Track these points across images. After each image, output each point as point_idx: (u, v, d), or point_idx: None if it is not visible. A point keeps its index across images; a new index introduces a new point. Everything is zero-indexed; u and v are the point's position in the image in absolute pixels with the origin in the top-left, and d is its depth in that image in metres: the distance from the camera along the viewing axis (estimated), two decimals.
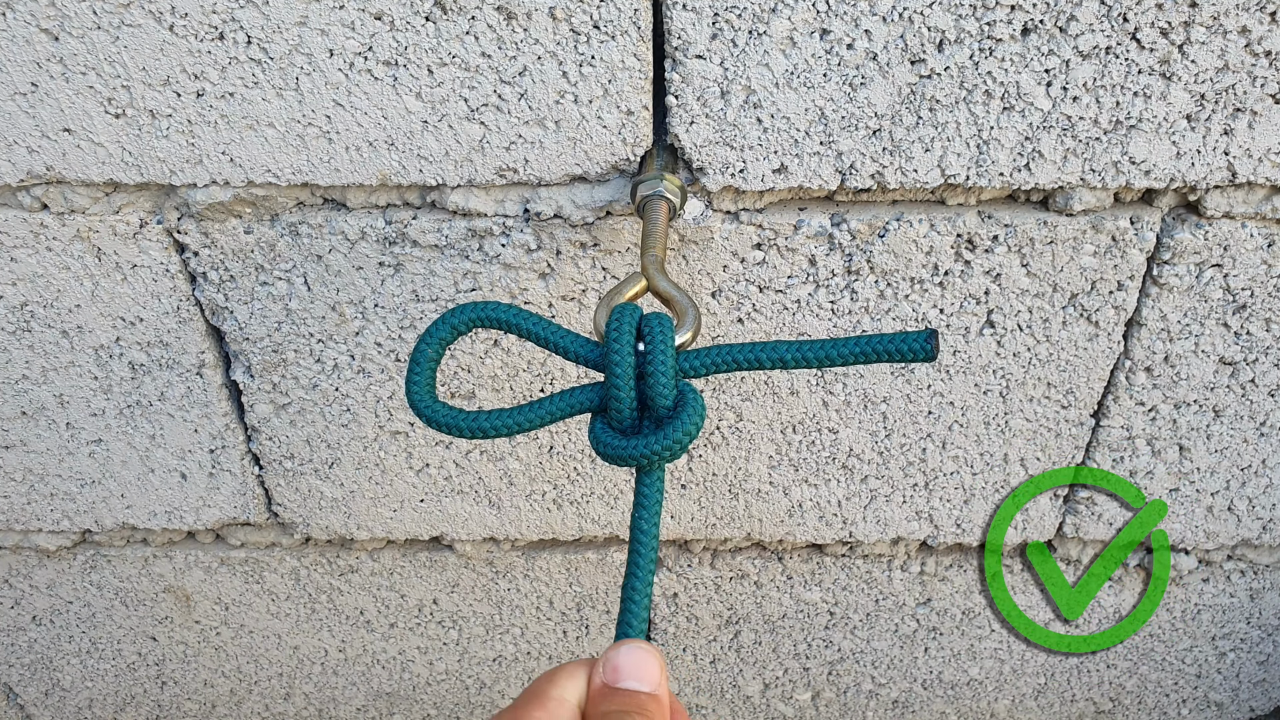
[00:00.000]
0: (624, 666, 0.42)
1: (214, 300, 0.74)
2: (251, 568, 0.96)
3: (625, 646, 0.43)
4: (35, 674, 1.10)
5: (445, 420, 0.48)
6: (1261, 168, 0.64)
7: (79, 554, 0.96)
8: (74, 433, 0.84)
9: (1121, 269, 0.71)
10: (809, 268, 0.70)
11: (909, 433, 0.81)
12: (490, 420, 0.49)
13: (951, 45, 0.59)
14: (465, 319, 0.50)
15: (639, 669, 0.42)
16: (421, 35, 0.59)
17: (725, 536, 0.91)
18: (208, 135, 0.64)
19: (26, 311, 0.75)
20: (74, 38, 0.60)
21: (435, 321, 0.50)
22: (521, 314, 0.50)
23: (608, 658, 0.43)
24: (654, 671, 0.43)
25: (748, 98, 0.61)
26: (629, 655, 0.43)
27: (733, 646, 1.03)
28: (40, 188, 0.69)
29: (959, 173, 0.65)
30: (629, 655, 0.43)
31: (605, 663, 0.43)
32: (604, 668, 0.43)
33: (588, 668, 0.44)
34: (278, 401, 0.81)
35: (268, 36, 0.60)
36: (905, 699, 1.08)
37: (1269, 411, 0.79)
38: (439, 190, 0.68)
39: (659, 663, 0.43)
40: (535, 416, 0.49)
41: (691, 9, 0.57)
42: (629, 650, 0.43)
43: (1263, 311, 0.73)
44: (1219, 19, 0.58)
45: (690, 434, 0.47)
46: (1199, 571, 0.93)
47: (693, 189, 0.67)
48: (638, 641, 0.44)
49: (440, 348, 0.50)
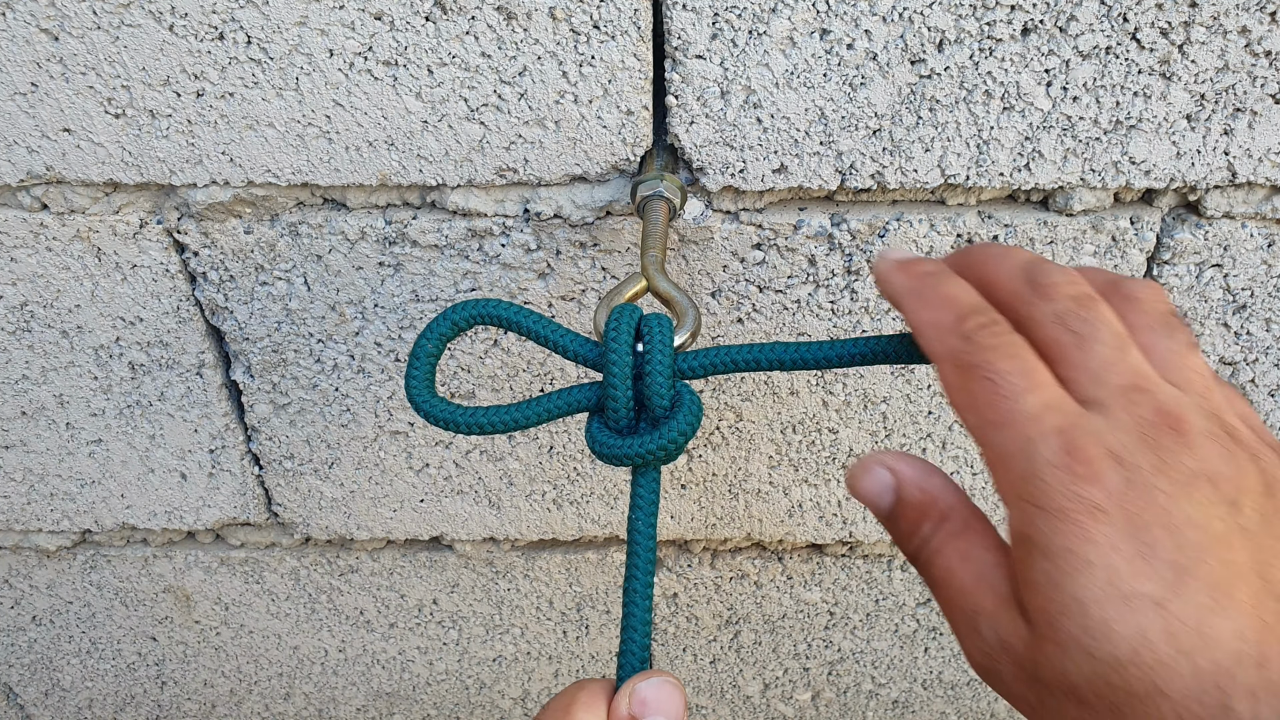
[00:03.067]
0: (651, 701, 0.42)
1: (214, 300, 0.74)
2: (251, 568, 0.96)
3: (653, 680, 0.43)
4: (35, 674, 1.10)
5: (443, 415, 0.48)
6: (1261, 168, 0.64)
7: (79, 554, 0.96)
8: (74, 433, 0.84)
9: (1121, 269, 0.71)
10: (809, 268, 0.70)
11: (909, 433, 0.81)
12: (487, 416, 0.48)
13: (951, 45, 0.59)
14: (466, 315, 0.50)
15: (666, 703, 0.42)
16: (421, 35, 0.59)
17: (725, 536, 0.91)
18: (207, 135, 0.64)
19: (26, 311, 0.75)
20: (74, 38, 0.60)
21: (437, 317, 0.50)
22: (522, 312, 0.50)
23: (636, 690, 0.43)
24: (678, 707, 0.43)
25: (748, 98, 0.61)
26: (657, 690, 0.43)
27: (733, 646, 1.03)
28: (40, 188, 0.69)
29: (959, 173, 0.65)
30: (657, 690, 0.43)
31: (632, 695, 0.42)
32: (630, 700, 0.42)
33: (606, 693, 0.44)
34: (277, 401, 0.81)
35: (268, 36, 0.60)
36: (905, 699, 1.08)
37: (1269, 412, 0.79)
38: (439, 190, 0.68)
39: (683, 697, 0.43)
40: (533, 414, 0.49)
41: (691, 9, 0.57)
42: (657, 684, 0.43)
43: (1263, 311, 0.73)
44: (1219, 19, 0.58)
45: (686, 434, 0.47)
46: None
47: (693, 189, 0.67)
48: (664, 675, 0.44)
49: (441, 343, 0.50)
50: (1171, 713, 0.32)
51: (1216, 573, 0.33)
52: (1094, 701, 0.34)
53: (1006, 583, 0.37)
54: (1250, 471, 0.36)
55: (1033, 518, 0.35)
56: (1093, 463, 0.35)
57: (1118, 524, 0.34)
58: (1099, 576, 0.33)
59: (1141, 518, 0.34)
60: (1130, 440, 0.36)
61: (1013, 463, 0.37)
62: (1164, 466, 0.35)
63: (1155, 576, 0.33)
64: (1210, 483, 0.35)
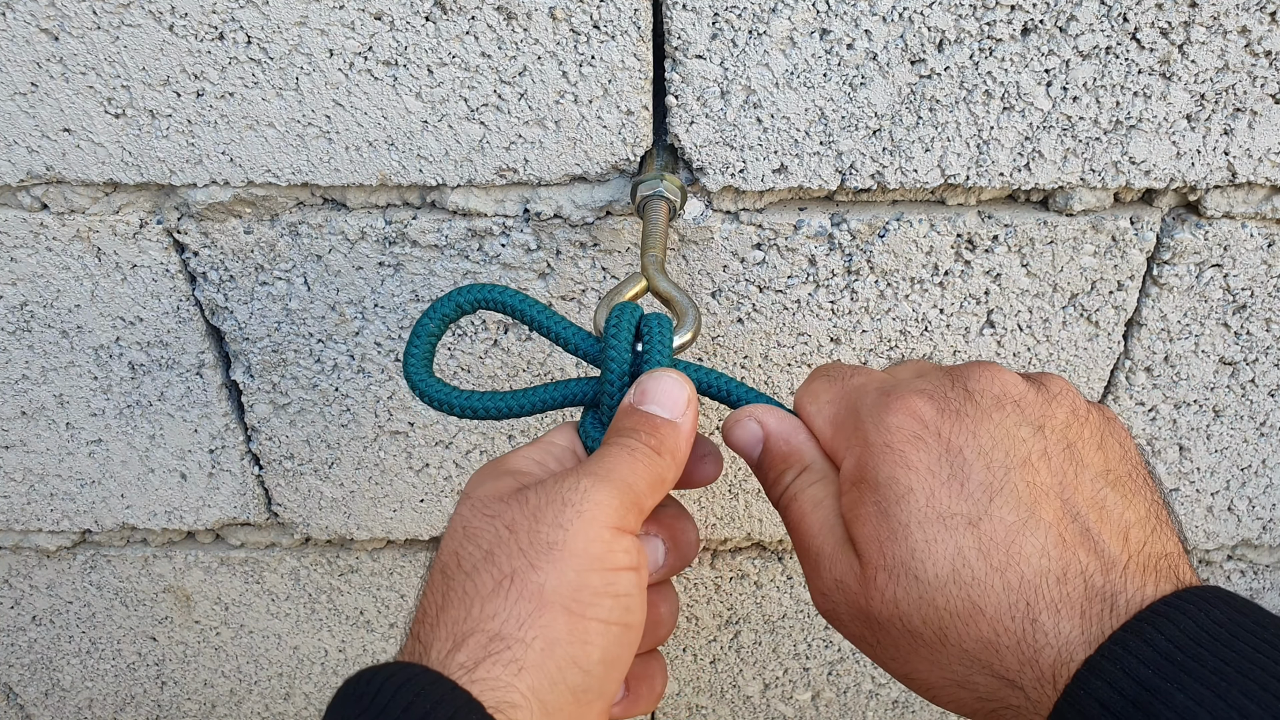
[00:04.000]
0: (650, 391, 0.43)
1: (214, 300, 0.74)
2: (251, 568, 0.96)
3: (656, 374, 0.44)
4: (35, 674, 1.10)
5: (438, 396, 0.48)
6: (1261, 168, 0.64)
7: (79, 554, 0.96)
8: (74, 433, 0.84)
9: (1121, 269, 0.71)
10: (809, 268, 0.70)
11: None
12: (483, 401, 0.48)
13: (951, 45, 0.59)
14: (470, 298, 0.50)
15: (664, 395, 0.43)
16: (421, 35, 0.59)
17: (725, 536, 0.91)
18: (207, 135, 0.64)
19: (26, 311, 0.75)
20: (74, 38, 0.60)
21: (441, 298, 0.50)
22: (526, 300, 0.50)
23: (639, 381, 0.44)
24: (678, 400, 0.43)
25: (748, 98, 0.61)
26: (656, 382, 0.44)
27: (733, 646, 1.03)
28: (40, 188, 0.69)
29: (959, 173, 0.65)
30: (656, 382, 0.44)
31: (635, 386, 0.44)
32: (634, 390, 0.44)
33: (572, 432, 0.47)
34: (277, 401, 0.81)
35: (268, 36, 0.59)
36: (905, 699, 1.08)
37: (1269, 412, 0.79)
38: (439, 190, 0.68)
39: (686, 393, 0.44)
40: (528, 402, 0.49)
41: (691, 9, 0.57)
42: (658, 377, 0.44)
43: (1263, 311, 0.73)
44: (1219, 19, 0.58)
45: None
46: (1199, 571, 0.93)
47: (693, 189, 0.67)
48: (671, 371, 0.45)
49: (443, 324, 0.50)
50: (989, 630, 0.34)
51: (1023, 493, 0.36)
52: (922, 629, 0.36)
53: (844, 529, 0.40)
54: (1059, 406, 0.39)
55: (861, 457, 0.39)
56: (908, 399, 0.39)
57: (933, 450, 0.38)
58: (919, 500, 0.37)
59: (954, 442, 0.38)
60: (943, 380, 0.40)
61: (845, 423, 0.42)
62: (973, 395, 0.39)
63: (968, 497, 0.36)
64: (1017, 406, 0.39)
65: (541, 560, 0.36)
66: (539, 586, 0.35)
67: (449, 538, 0.39)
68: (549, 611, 0.35)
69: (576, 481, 0.38)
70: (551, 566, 0.36)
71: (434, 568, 0.39)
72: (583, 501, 0.37)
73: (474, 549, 0.37)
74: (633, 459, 0.40)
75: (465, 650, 0.35)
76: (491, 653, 0.34)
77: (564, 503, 0.37)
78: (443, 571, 0.38)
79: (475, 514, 0.39)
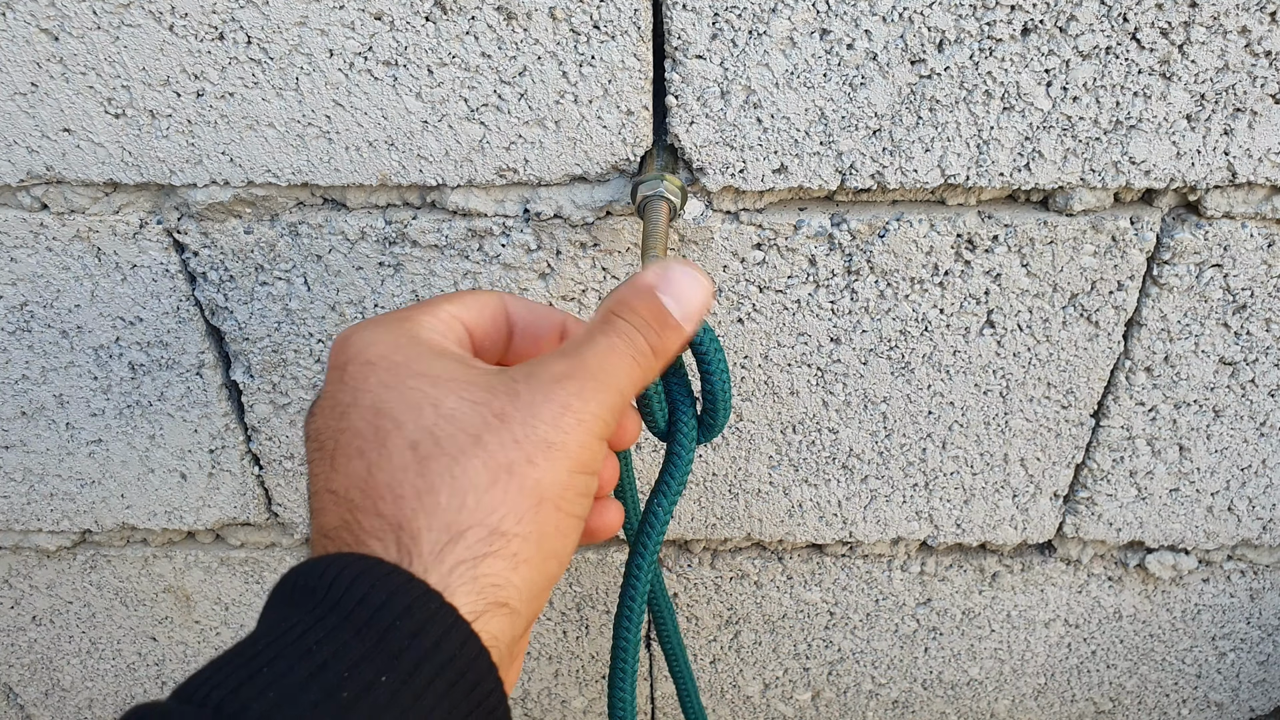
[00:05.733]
0: (676, 281, 0.41)
1: (214, 300, 0.74)
2: (251, 568, 0.96)
3: (687, 266, 0.41)
4: (35, 674, 1.10)
5: None
6: (1261, 168, 0.64)
7: (79, 554, 0.96)
8: (73, 433, 0.83)
9: (1121, 269, 0.71)
10: (809, 268, 0.70)
11: (909, 433, 0.81)
12: None
13: (951, 45, 0.59)
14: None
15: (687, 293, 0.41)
16: (421, 35, 0.59)
17: (725, 536, 0.91)
18: (207, 135, 0.64)
19: (26, 311, 0.75)
20: (74, 38, 0.60)
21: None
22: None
23: (667, 265, 0.41)
24: (697, 306, 0.41)
25: (748, 98, 0.61)
26: (684, 274, 0.41)
27: (733, 646, 1.03)
28: (40, 188, 0.69)
29: (959, 173, 0.65)
30: (684, 274, 0.41)
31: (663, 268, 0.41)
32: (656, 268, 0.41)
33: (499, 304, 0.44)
34: (277, 401, 0.81)
35: (268, 36, 0.59)
36: (905, 699, 1.08)
37: (1269, 411, 0.79)
38: (439, 190, 0.68)
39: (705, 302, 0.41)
40: None
41: (691, 9, 0.57)
42: (688, 270, 0.41)
43: (1263, 311, 0.73)
44: (1219, 19, 0.58)
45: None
46: (1199, 571, 0.93)
47: (693, 189, 0.67)
48: (700, 271, 0.42)
49: None
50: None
51: None
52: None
53: None
54: None
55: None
56: None
57: None
58: None
59: None
60: None
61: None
62: None
63: None
64: None
65: (540, 457, 0.36)
66: (536, 482, 0.36)
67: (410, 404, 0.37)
68: (544, 508, 0.36)
69: (580, 387, 0.38)
70: (549, 464, 0.36)
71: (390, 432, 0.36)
72: (583, 410, 0.38)
73: (456, 431, 0.36)
74: (633, 364, 0.40)
75: (465, 544, 0.34)
76: (494, 549, 0.35)
77: (564, 407, 0.37)
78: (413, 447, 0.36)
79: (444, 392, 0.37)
